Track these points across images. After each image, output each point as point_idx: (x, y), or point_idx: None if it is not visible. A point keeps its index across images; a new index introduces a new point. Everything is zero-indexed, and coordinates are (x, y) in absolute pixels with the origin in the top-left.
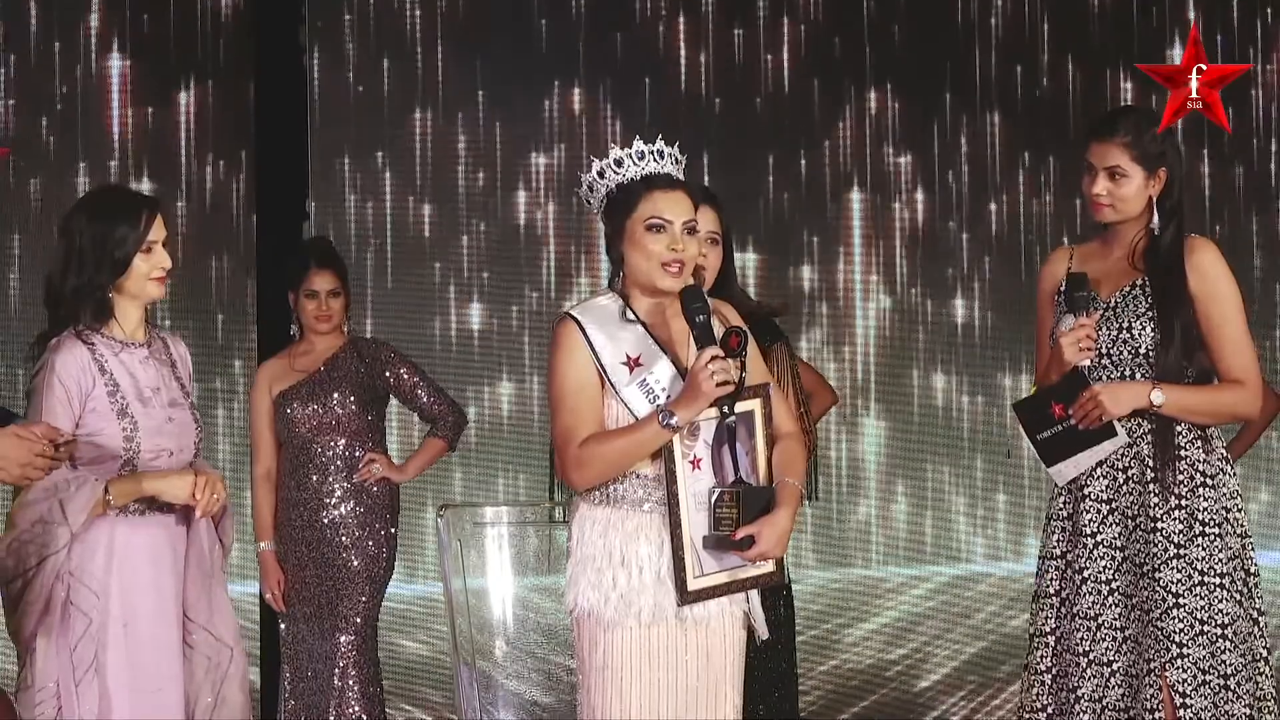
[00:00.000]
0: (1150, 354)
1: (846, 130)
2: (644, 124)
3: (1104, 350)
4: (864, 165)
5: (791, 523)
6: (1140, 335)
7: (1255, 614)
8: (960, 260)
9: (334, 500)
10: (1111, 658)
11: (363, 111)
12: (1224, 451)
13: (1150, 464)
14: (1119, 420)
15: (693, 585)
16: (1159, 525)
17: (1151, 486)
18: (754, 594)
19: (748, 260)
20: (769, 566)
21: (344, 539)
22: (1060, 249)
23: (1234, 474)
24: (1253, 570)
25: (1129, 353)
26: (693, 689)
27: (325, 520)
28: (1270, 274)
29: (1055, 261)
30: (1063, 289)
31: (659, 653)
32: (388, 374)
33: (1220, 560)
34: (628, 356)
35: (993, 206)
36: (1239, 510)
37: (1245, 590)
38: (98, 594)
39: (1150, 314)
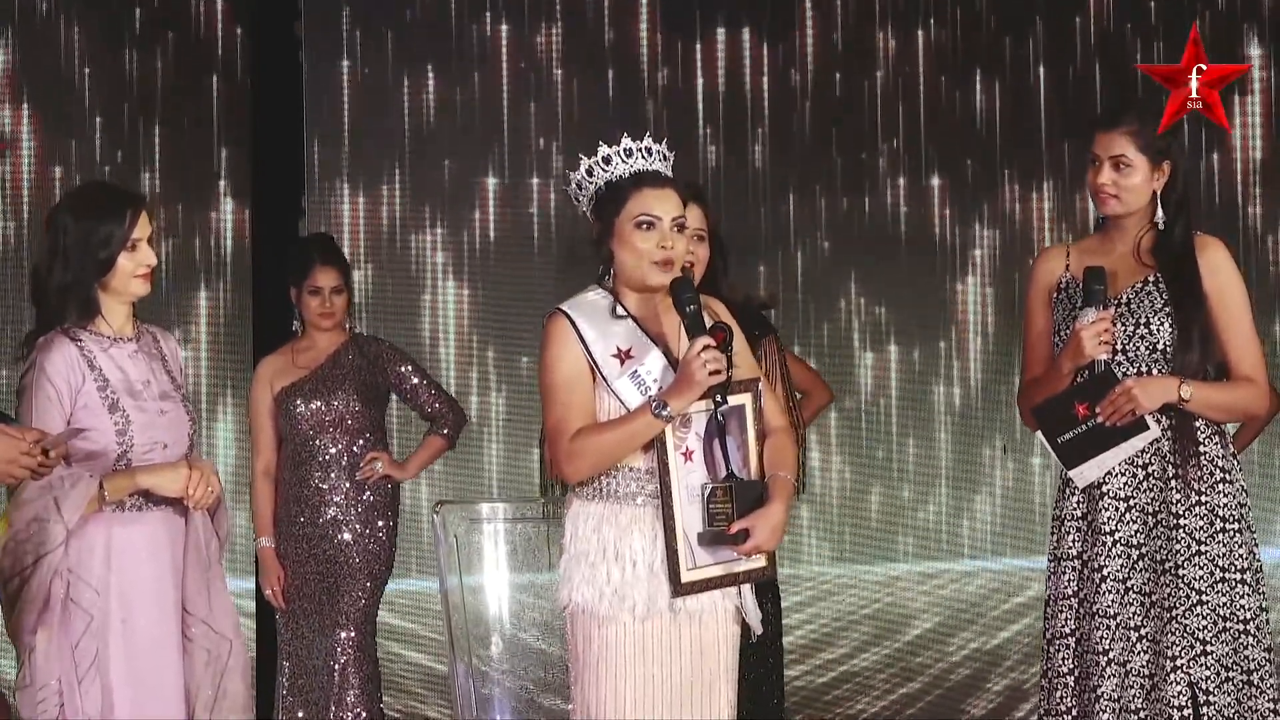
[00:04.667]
0: (1168, 350)
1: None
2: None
3: (1120, 346)
4: None
5: (785, 516)
6: (1158, 331)
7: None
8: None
9: (336, 498)
10: (1127, 658)
11: (356, 105)
12: (1233, 448)
13: (1171, 460)
14: (1150, 414)
15: (686, 577)
16: (1181, 522)
17: (1173, 483)
18: (747, 589)
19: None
20: (761, 561)
21: (345, 536)
22: (1055, 246)
23: (1242, 469)
24: (1259, 566)
25: (1146, 349)
26: (687, 683)
27: (326, 517)
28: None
29: (1051, 258)
30: (1063, 283)
31: (653, 647)
32: (389, 371)
33: (1240, 556)
34: (618, 349)
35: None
36: (1249, 505)
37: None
38: (98, 591)
39: (1166, 310)
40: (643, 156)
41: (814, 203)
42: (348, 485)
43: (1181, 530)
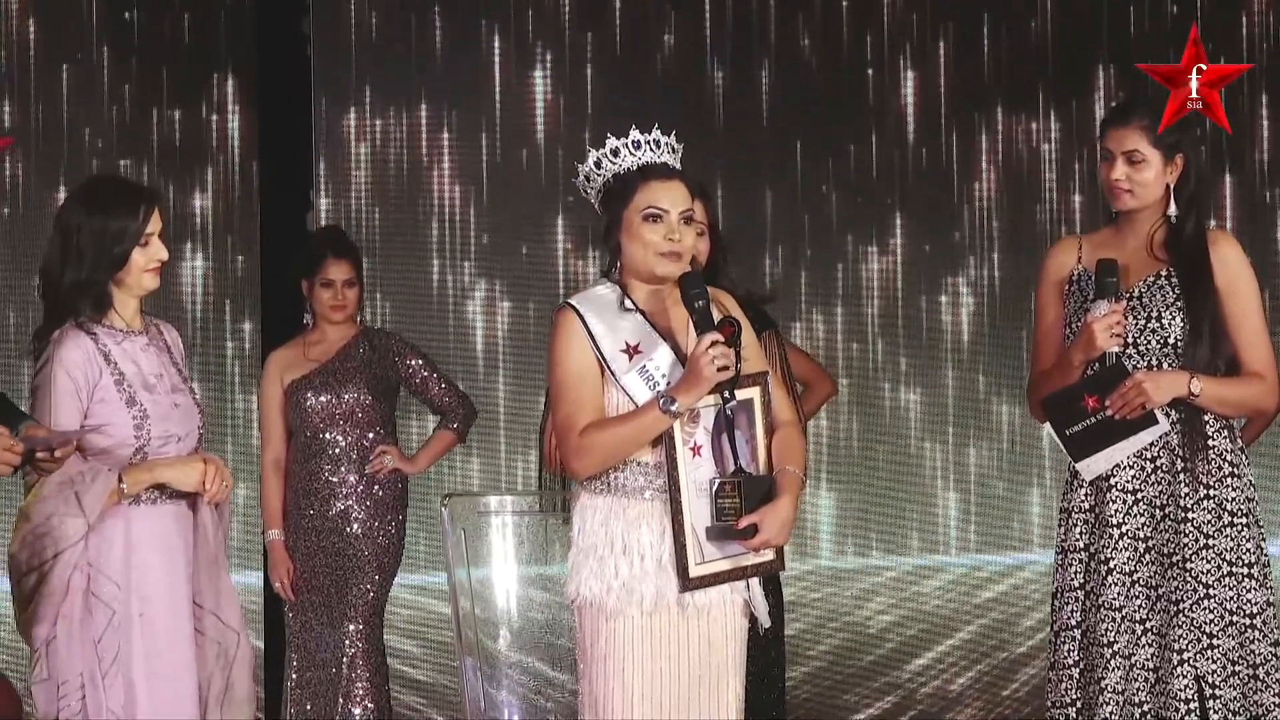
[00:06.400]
0: (1178, 344)
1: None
2: None
3: (1131, 339)
4: None
5: (794, 511)
6: (1170, 325)
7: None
8: None
9: (345, 490)
10: (1132, 650)
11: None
12: (1241, 442)
13: (1180, 454)
14: (1159, 408)
15: (694, 572)
16: (1189, 515)
17: (1182, 476)
18: (755, 582)
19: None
20: (770, 554)
21: (355, 529)
22: (1067, 238)
23: (1250, 463)
24: (1266, 560)
25: (1158, 342)
26: (695, 677)
27: (336, 510)
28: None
29: (1063, 251)
30: (1074, 276)
31: (661, 641)
32: (399, 364)
33: (1247, 550)
34: (627, 344)
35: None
36: (1257, 500)
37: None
38: (118, 584)
39: (1178, 304)
40: (651, 148)
41: (819, 148)
42: (358, 478)
43: (1189, 524)
